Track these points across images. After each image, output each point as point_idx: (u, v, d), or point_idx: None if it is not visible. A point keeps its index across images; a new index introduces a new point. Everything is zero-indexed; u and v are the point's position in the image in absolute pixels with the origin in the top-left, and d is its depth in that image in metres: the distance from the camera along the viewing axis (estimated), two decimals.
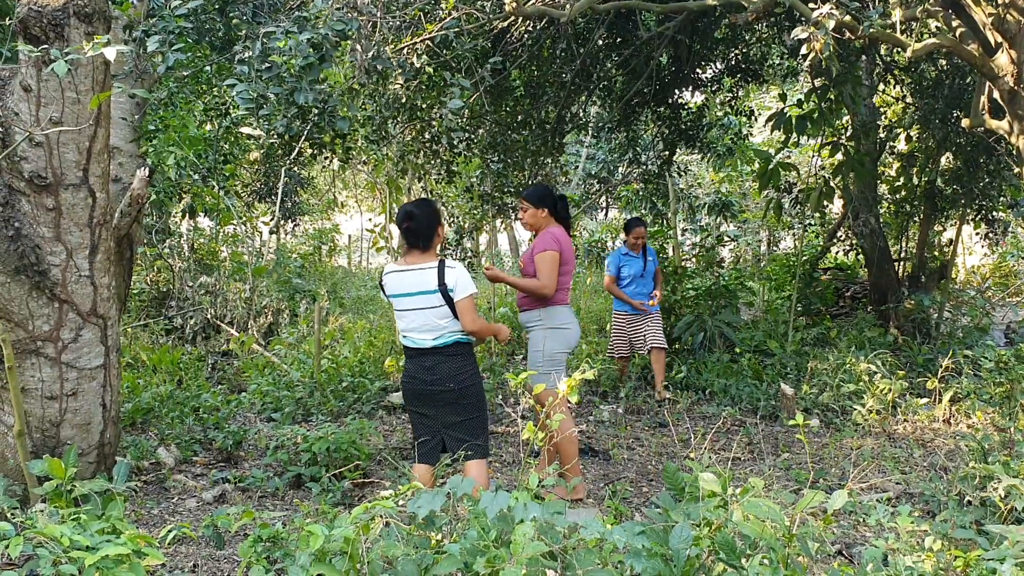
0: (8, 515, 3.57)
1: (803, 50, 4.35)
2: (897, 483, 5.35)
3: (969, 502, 4.32)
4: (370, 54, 4.33)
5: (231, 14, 4.58)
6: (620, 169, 17.64)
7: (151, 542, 3.11)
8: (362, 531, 2.88)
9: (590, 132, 12.10)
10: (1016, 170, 6.34)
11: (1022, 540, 2.65)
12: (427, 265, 4.27)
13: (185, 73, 5.34)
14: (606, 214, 24.62)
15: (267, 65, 3.92)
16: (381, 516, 2.97)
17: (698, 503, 3.03)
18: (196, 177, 9.50)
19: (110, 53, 3.15)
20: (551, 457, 5.28)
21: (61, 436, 4.51)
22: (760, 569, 2.71)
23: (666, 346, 8.18)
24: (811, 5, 4.73)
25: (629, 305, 8.23)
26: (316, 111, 4.34)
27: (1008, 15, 5.16)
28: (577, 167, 18.20)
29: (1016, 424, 4.97)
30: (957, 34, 5.57)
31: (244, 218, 13.83)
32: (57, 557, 2.91)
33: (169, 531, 3.31)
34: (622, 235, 8.57)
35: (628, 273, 8.30)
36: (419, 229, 4.30)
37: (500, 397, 7.82)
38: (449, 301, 4.22)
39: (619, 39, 8.57)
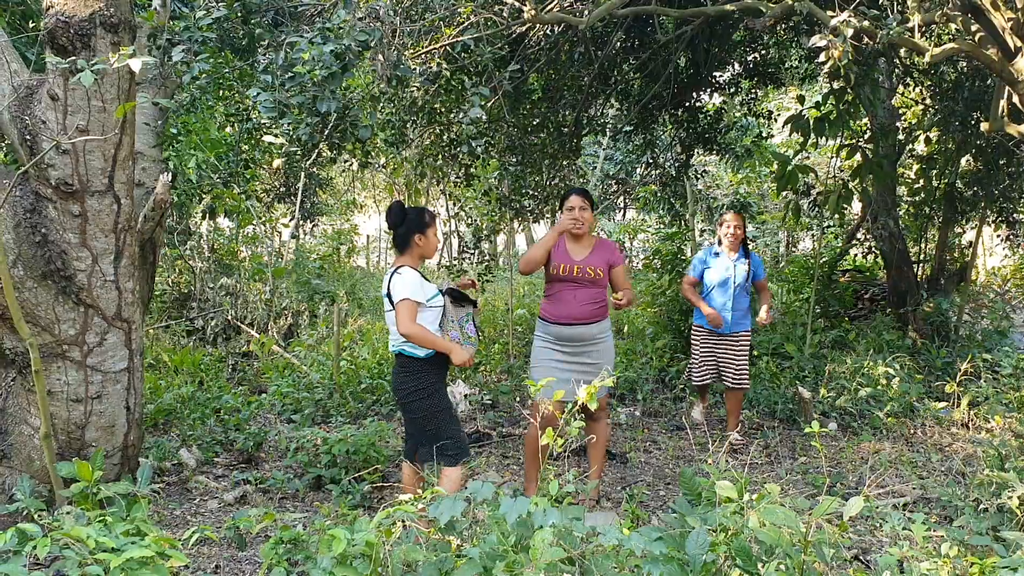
0: (35, 516, 3.63)
1: (821, 57, 4.36)
2: (915, 488, 5.35)
3: (986, 508, 4.32)
4: (390, 62, 4.38)
5: (254, 22, 4.64)
6: (638, 170, 17.64)
7: (174, 544, 3.16)
8: (385, 535, 2.92)
9: (608, 134, 12.11)
10: None
11: None
12: (392, 268, 4.47)
13: (207, 80, 5.40)
14: (624, 215, 24.62)
15: (290, 75, 3.98)
16: (402, 520, 3.01)
17: (715, 508, 3.05)
18: (217, 179, 9.59)
19: (136, 64, 3.21)
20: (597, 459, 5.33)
21: (86, 438, 4.58)
22: (776, 575, 2.74)
23: (746, 385, 6.57)
24: (829, 13, 4.73)
25: (706, 319, 6.55)
26: (338, 118, 4.40)
27: None
28: (595, 168, 18.20)
29: None
30: (976, 38, 5.55)
31: (264, 219, 13.92)
32: (83, 559, 2.97)
33: (192, 533, 3.37)
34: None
35: (712, 279, 6.57)
36: (393, 228, 4.50)
37: (519, 399, 7.86)
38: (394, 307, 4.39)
39: (637, 42, 8.58)
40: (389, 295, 4.41)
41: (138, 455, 5.02)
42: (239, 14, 4.57)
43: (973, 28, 5.60)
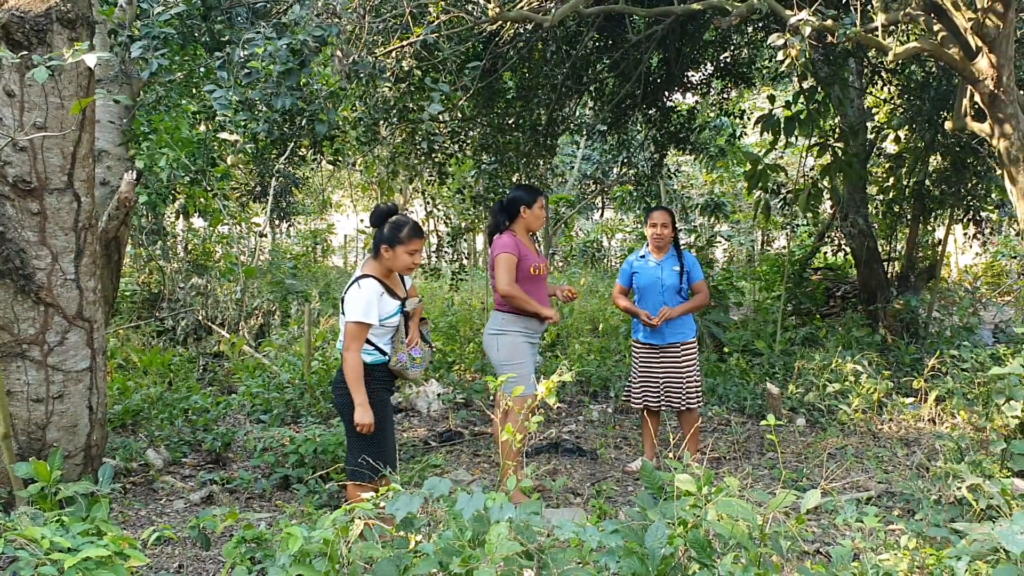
0: None
1: (779, 55, 4.40)
2: (879, 482, 5.39)
3: (947, 501, 4.37)
4: (350, 59, 4.37)
5: (217, 19, 4.61)
6: (615, 170, 17.72)
7: (133, 543, 3.15)
8: (342, 533, 2.91)
9: (583, 134, 12.14)
10: (999, 172, 6.39)
11: (979, 538, 2.69)
12: (357, 273, 4.33)
13: (175, 76, 5.37)
14: (602, 214, 24.71)
15: (246, 71, 3.96)
16: (361, 518, 3.00)
17: (675, 502, 3.06)
18: (186, 178, 9.55)
19: (91, 60, 3.18)
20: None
21: (47, 438, 4.54)
22: (732, 568, 2.75)
23: (698, 403, 5.84)
24: (789, 12, 4.76)
25: (641, 328, 5.89)
26: (304, 114, 4.38)
27: (987, 20, 5.20)
28: (573, 167, 18.23)
29: (992, 424, 5.02)
30: (939, 38, 5.61)
31: (238, 218, 13.84)
32: (38, 559, 2.94)
33: (151, 532, 3.35)
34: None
35: (640, 283, 5.90)
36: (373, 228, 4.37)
37: (491, 398, 7.86)
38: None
39: (609, 41, 8.60)
40: (342, 301, 4.31)
41: (102, 455, 4.97)
42: (199, 10, 4.53)
43: (936, 28, 5.66)
